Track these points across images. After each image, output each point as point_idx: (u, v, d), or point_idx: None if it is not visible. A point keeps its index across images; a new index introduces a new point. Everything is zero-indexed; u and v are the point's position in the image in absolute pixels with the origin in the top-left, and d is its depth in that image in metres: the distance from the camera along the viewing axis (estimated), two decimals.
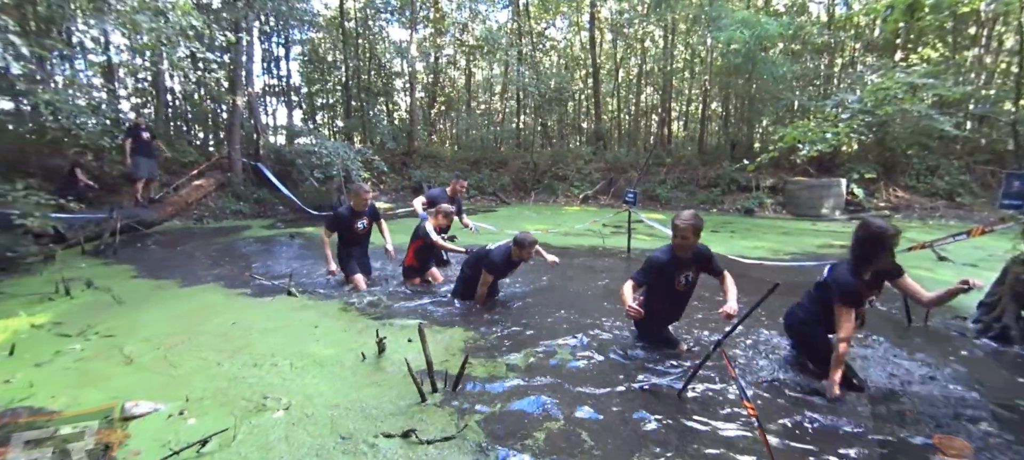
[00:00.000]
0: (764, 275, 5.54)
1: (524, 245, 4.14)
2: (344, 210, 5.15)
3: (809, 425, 2.49)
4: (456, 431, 2.35)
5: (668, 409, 2.61)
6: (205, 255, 7.06)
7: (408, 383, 2.71)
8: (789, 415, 2.58)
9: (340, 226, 5.08)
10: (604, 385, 2.87)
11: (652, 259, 3.26)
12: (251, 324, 3.91)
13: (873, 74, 10.23)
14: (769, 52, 15.12)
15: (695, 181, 15.58)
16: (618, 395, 2.77)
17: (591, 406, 2.63)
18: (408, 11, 18.82)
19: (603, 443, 2.30)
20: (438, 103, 22.97)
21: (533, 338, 3.61)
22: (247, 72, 13.88)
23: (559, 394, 2.75)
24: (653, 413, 2.57)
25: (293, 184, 12.44)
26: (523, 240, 4.14)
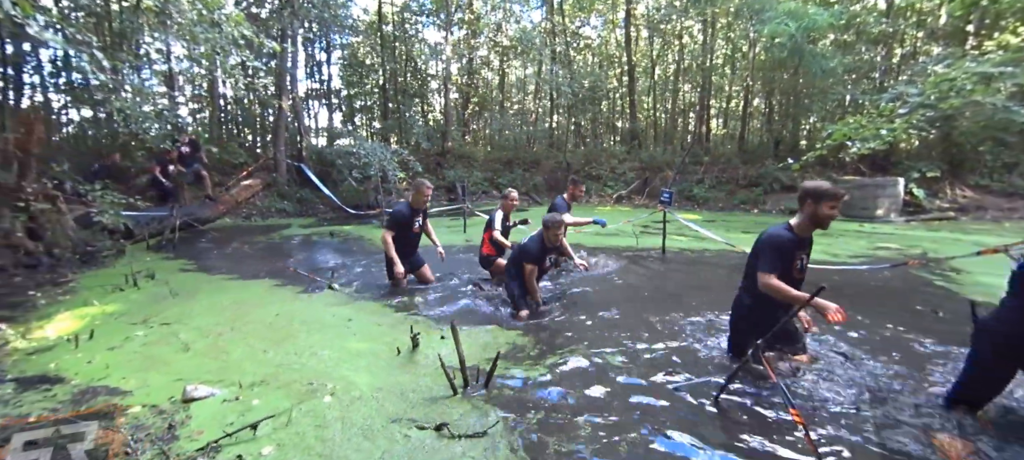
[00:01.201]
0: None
1: (550, 226, 4.16)
2: (403, 207, 4.91)
3: (847, 430, 2.35)
4: (486, 428, 2.36)
5: (703, 416, 2.53)
6: (252, 250, 7.41)
7: (440, 377, 2.75)
8: (836, 422, 2.45)
9: (399, 225, 4.84)
10: (637, 392, 2.80)
11: (775, 238, 2.76)
12: (293, 316, 4.08)
13: (937, 65, 9.53)
14: (818, 44, 14.43)
15: (735, 180, 15.06)
16: (651, 400, 2.70)
17: (623, 412, 2.58)
18: (443, 13, 19.06)
19: (636, 449, 2.25)
20: (472, 104, 23.16)
21: (567, 341, 3.58)
22: (292, 77, 14.45)
23: (590, 398, 2.71)
24: (687, 419, 2.49)
25: (333, 184, 12.85)
26: (549, 221, 4.17)
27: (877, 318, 4.02)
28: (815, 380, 2.89)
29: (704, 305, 4.38)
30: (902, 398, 2.69)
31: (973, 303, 3.87)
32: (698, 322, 3.93)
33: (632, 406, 2.62)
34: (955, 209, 11.99)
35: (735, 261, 6.45)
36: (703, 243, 7.79)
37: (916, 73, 10.53)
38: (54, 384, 2.85)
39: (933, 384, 2.86)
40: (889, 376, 2.96)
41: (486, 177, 17.22)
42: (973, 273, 5.71)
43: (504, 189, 6.27)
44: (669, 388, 2.82)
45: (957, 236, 8.65)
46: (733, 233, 8.89)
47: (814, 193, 2.67)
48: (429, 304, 4.54)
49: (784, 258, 2.72)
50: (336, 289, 4.94)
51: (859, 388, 2.80)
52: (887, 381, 2.89)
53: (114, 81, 8.48)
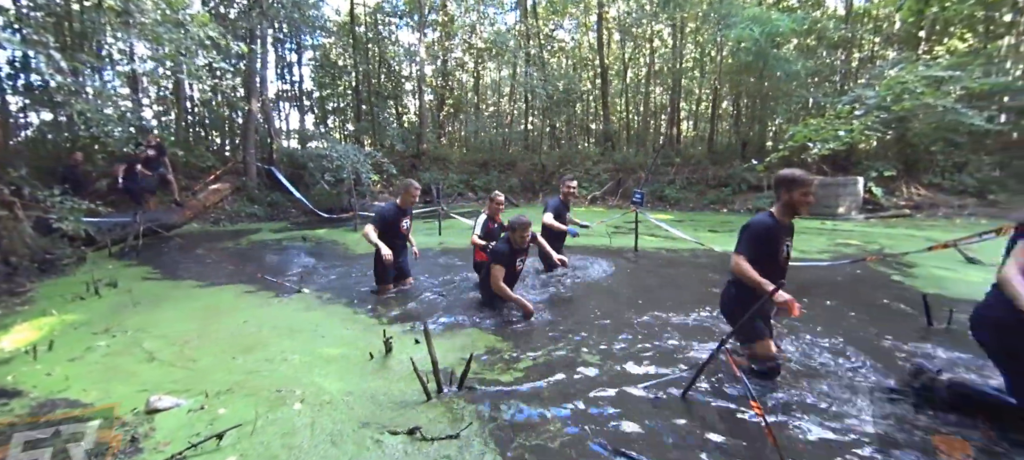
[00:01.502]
0: None
1: (516, 227, 4.15)
2: (389, 208, 4.84)
3: (814, 423, 2.46)
4: (459, 430, 2.38)
5: (673, 411, 2.60)
6: (220, 256, 7.22)
7: (414, 381, 2.75)
8: (795, 413, 2.56)
9: (385, 222, 4.73)
10: (610, 389, 2.86)
11: (754, 224, 2.85)
12: (262, 322, 4.01)
13: (892, 69, 10.01)
14: (782, 49, 14.93)
15: (705, 181, 15.44)
16: (622, 397, 2.76)
17: (595, 408, 2.63)
18: (417, 15, 18.98)
19: (605, 446, 2.31)
20: (447, 106, 23.11)
21: (541, 341, 3.61)
22: (261, 79, 14.16)
23: (563, 397, 2.76)
24: (658, 415, 2.56)
25: (305, 187, 12.63)
26: (515, 223, 4.16)
27: (840, 311, 4.21)
28: (784, 373, 3.00)
29: (676, 303, 4.50)
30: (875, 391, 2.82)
31: (925, 296, 4.10)
32: (670, 319, 4.04)
33: (604, 403, 2.68)
34: (911, 207, 12.56)
35: (705, 260, 6.64)
36: (675, 242, 7.97)
37: (873, 77, 11.02)
38: (12, 398, 2.74)
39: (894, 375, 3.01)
40: (854, 367, 3.10)
41: (462, 179, 17.20)
42: (926, 266, 6.01)
43: (491, 191, 6.20)
44: (640, 385, 2.89)
45: (911, 233, 9.08)
46: (701, 232, 9.13)
47: (787, 181, 2.78)
48: (403, 308, 4.52)
49: (761, 243, 2.79)
50: (307, 294, 4.88)
51: (823, 379, 2.93)
52: (852, 371, 3.03)
53: (74, 83, 8.19)
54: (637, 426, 2.45)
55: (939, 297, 4.67)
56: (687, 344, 3.50)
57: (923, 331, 3.84)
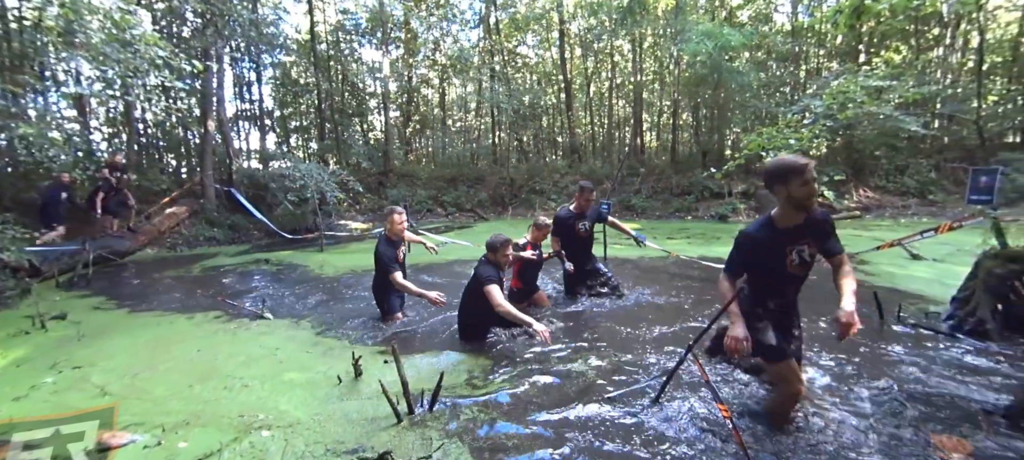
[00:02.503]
0: None
1: (495, 247, 3.93)
2: (387, 246, 4.45)
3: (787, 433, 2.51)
4: (431, 451, 2.34)
5: (645, 418, 2.63)
6: (177, 283, 6.92)
7: (384, 404, 2.69)
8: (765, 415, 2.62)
9: (397, 260, 4.46)
10: (581, 398, 2.86)
11: (739, 235, 2.43)
12: (220, 349, 3.85)
13: (835, 80, 10.69)
14: (734, 62, 15.62)
15: (669, 190, 15.88)
16: (595, 407, 2.76)
17: (568, 420, 2.63)
18: (379, 32, 18.92)
19: (580, 456, 2.31)
20: (413, 122, 23.04)
21: (512, 356, 3.59)
22: (218, 98, 13.75)
23: (536, 409, 2.75)
24: (631, 423, 2.58)
25: (267, 208, 12.27)
26: (492, 243, 3.95)
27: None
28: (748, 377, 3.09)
29: (646, 310, 4.58)
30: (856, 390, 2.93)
31: (875, 293, 4.32)
32: (640, 327, 4.09)
33: (577, 416, 2.67)
34: (860, 208, 13.29)
35: (673, 268, 6.79)
36: (642, 251, 8.12)
37: (820, 87, 11.70)
38: None
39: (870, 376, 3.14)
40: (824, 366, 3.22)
41: (430, 195, 17.10)
42: (877, 264, 6.35)
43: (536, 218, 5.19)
44: (613, 395, 2.89)
45: (860, 232, 9.58)
46: (661, 239, 9.38)
47: (779, 173, 2.27)
48: (374, 330, 4.42)
49: (746, 253, 2.37)
50: (270, 319, 4.71)
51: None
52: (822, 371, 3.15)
53: (15, 105, 7.76)
54: (610, 437, 2.46)
55: (891, 292, 4.94)
56: (659, 351, 3.55)
57: (876, 326, 4.01)
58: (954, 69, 16.12)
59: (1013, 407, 2.53)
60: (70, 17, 6.51)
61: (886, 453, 2.28)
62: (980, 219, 4.01)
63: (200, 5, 10.41)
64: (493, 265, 3.93)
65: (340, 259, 8.55)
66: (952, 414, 2.58)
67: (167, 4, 12.61)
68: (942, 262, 6.29)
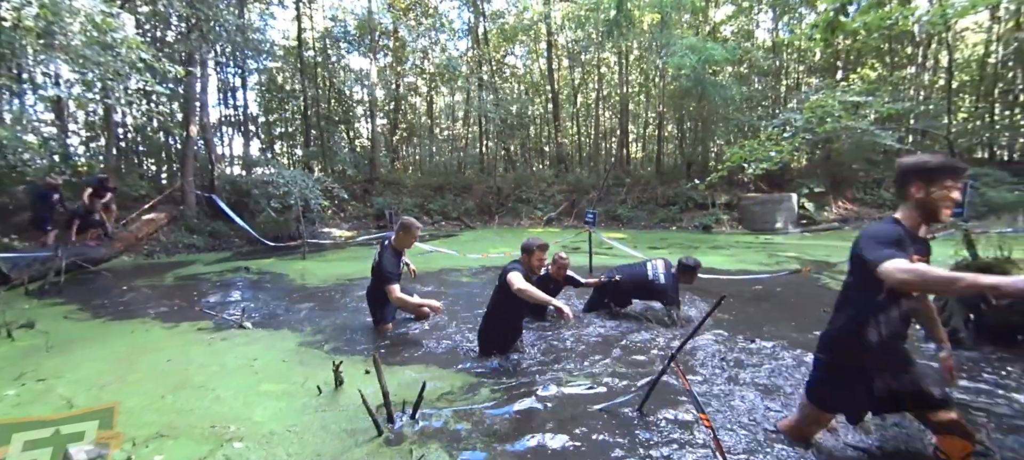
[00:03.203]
0: (715, 287, 5.71)
1: (529, 250, 3.63)
2: (392, 255, 4.36)
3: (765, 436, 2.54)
4: None
5: (629, 427, 2.62)
6: (153, 291, 6.75)
7: (364, 415, 2.65)
8: (747, 425, 2.63)
9: (396, 274, 4.35)
10: (565, 409, 2.85)
11: (872, 227, 2.02)
12: (196, 359, 3.75)
13: (815, 94, 11.01)
14: (718, 76, 15.94)
15: (654, 200, 16.06)
16: (579, 419, 2.75)
17: (552, 432, 2.61)
18: (367, 40, 18.91)
19: None
20: (400, 130, 22.99)
21: (496, 368, 3.55)
22: (201, 103, 13.58)
23: (519, 422, 2.72)
24: (614, 433, 2.57)
25: (250, 215, 12.10)
26: (528, 244, 3.65)
27: (782, 317, 4.43)
28: (731, 385, 3.11)
29: (630, 319, 4.59)
30: None
31: None
32: (624, 336, 4.10)
33: (561, 426, 2.65)
34: (839, 220, 13.59)
35: None
36: (627, 259, 8.17)
37: (800, 102, 12.01)
38: None
39: None
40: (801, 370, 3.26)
41: (416, 203, 17.04)
42: None
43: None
44: (597, 406, 2.88)
45: (838, 243, 9.78)
46: (642, 248, 9.43)
47: (922, 171, 1.89)
48: (356, 340, 4.35)
49: (891, 244, 1.83)
50: (249, 328, 4.62)
51: (772, 391, 3.06)
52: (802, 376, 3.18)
53: None
54: (593, 448, 2.45)
55: None
56: (643, 360, 3.56)
57: None
58: (926, 87, 16.66)
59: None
60: (49, 18, 6.38)
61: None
62: (951, 231, 4.10)
63: (185, 9, 10.29)
64: (522, 268, 3.64)
65: (323, 267, 8.45)
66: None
67: (151, 8, 12.46)
68: None
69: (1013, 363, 3.37)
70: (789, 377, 3.22)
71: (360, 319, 4.93)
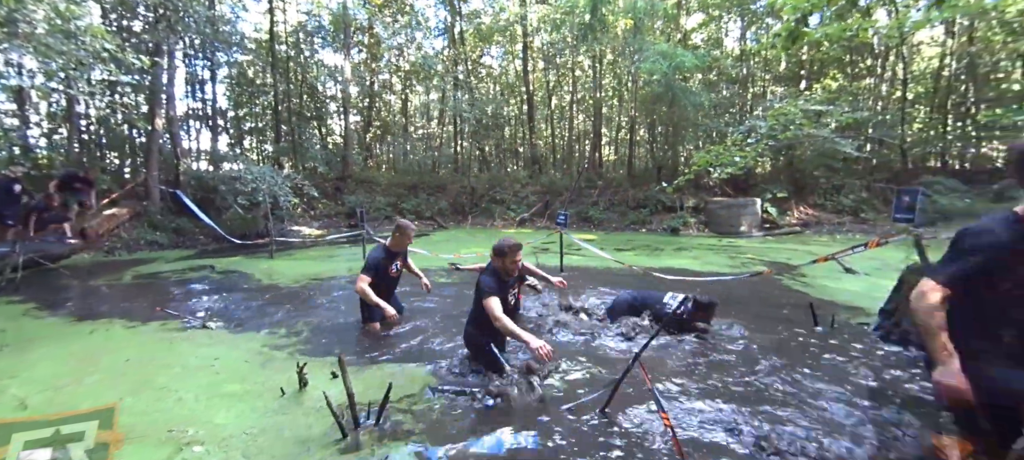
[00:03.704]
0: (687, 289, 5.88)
1: (502, 252, 3.35)
2: (379, 252, 4.49)
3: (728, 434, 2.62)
4: None
5: (592, 427, 2.69)
6: (113, 289, 6.55)
7: (328, 417, 2.66)
8: (707, 424, 2.73)
9: (376, 270, 4.44)
10: (531, 411, 2.88)
11: (971, 226, 1.80)
12: (156, 359, 3.69)
13: (779, 102, 11.46)
14: (688, 82, 16.34)
15: (626, 203, 16.34)
16: (544, 419, 2.79)
17: (517, 432, 2.65)
18: (342, 36, 18.64)
19: None
20: (374, 128, 22.73)
21: (464, 368, 3.58)
22: (168, 96, 13.18)
23: (486, 425, 2.74)
24: (578, 433, 2.63)
25: (216, 212, 11.79)
26: (500, 247, 3.37)
27: (745, 319, 4.60)
28: (706, 388, 3.22)
29: (596, 319, 4.70)
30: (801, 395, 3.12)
31: (811, 303, 4.62)
32: (591, 336, 4.19)
33: (527, 428, 2.68)
34: (801, 224, 14.11)
35: (626, 277, 6.96)
36: (597, 260, 8.34)
37: (765, 109, 12.44)
38: None
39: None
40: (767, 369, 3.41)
41: (389, 202, 16.90)
42: (814, 277, 6.79)
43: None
44: (563, 406, 2.93)
45: (799, 247, 10.19)
46: (608, 249, 9.62)
47: None
48: (323, 343, 4.30)
49: (982, 258, 1.67)
50: (212, 328, 4.55)
51: (722, 390, 3.20)
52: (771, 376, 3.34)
53: None
54: (557, 448, 2.50)
55: (827, 303, 5.30)
56: (611, 362, 3.61)
57: (812, 333, 4.29)
58: (884, 97, 17.46)
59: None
60: (12, 6, 6.12)
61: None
62: (904, 236, 4.30)
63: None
64: (497, 273, 3.39)
65: (291, 267, 8.33)
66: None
67: None
68: (870, 276, 6.76)
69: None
70: (750, 377, 3.36)
71: (328, 320, 4.91)
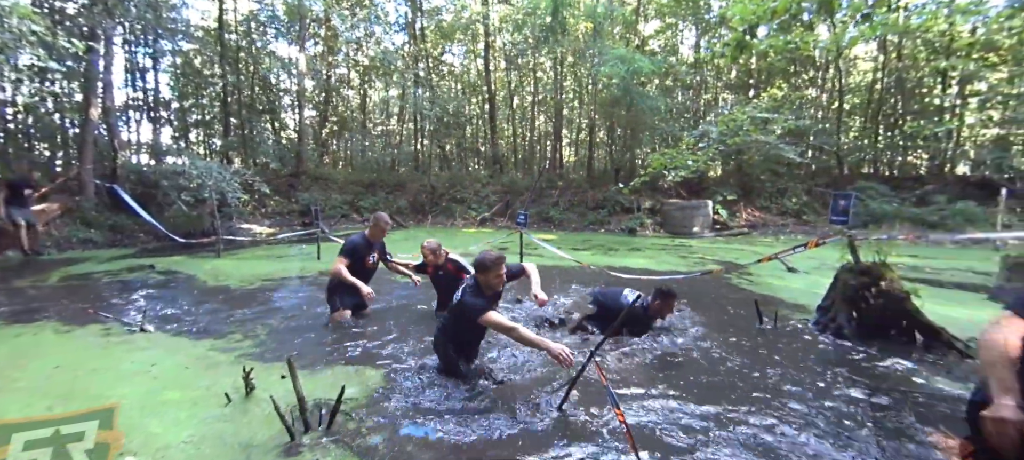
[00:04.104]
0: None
1: (485, 266, 3.11)
2: (358, 238, 4.72)
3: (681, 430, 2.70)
4: None
5: (549, 425, 2.71)
6: (41, 290, 6.05)
7: (277, 423, 2.56)
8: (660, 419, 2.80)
9: (353, 255, 4.58)
10: (489, 411, 2.88)
11: None
12: (85, 365, 3.44)
13: (729, 109, 12.02)
14: (646, 87, 16.81)
15: (585, 203, 16.64)
16: (502, 419, 2.79)
17: (474, 432, 2.64)
18: (296, 27, 18.01)
19: None
20: (330, 123, 22.10)
21: (420, 368, 3.53)
22: (104, 84, 12.30)
23: (441, 427, 2.72)
24: (535, 430, 2.65)
25: (158, 208, 11.14)
26: (482, 260, 3.13)
27: (695, 316, 4.79)
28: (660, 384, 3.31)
29: (554, 317, 4.75)
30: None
31: (756, 301, 4.84)
32: (547, 334, 4.23)
33: (482, 428, 2.68)
34: (749, 226, 14.81)
35: (587, 276, 7.06)
36: (556, 260, 8.44)
37: (717, 115, 13.00)
38: None
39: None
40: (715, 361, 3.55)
41: (346, 200, 16.48)
42: (759, 276, 7.14)
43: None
44: (519, 403, 2.95)
45: (746, 247, 10.69)
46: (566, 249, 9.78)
47: None
48: (273, 345, 4.13)
49: None
50: (151, 331, 4.29)
51: (676, 386, 3.31)
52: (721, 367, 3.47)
53: None
54: (513, 446, 2.51)
55: (772, 300, 5.58)
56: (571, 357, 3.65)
57: (759, 330, 4.51)
58: (824, 107, 18.60)
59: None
60: None
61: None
62: (839, 237, 4.58)
63: None
64: (480, 289, 3.14)
65: (240, 266, 7.98)
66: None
67: None
68: (810, 274, 7.19)
69: (885, 350, 3.89)
70: (703, 373, 3.49)
71: (280, 322, 4.73)
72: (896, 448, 2.49)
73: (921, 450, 2.48)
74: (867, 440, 2.57)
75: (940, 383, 3.33)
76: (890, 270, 4.21)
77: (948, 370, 3.56)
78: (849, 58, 18.17)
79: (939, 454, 2.41)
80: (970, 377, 3.36)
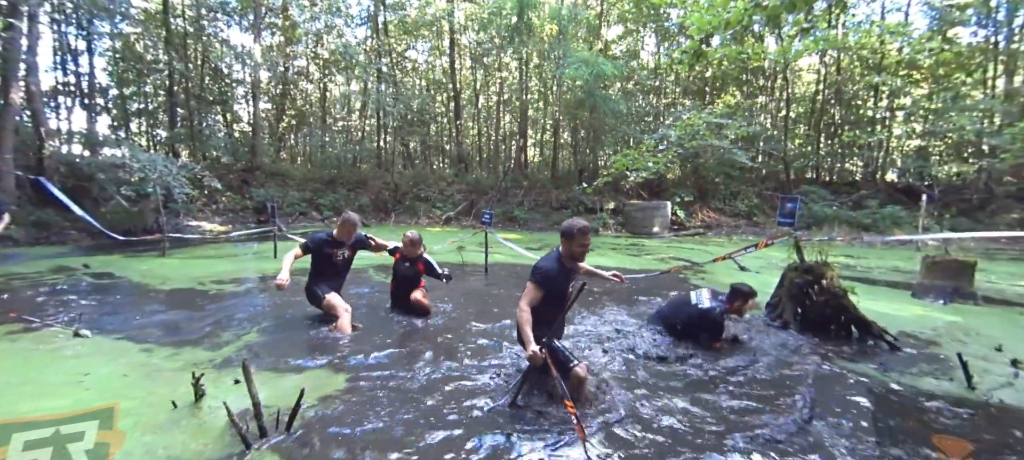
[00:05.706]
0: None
1: (571, 234, 2.96)
2: (324, 234, 4.63)
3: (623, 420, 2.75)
4: None
5: (503, 420, 2.69)
6: None
7: (230, 432, 2.39)
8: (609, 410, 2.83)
9: (316, 250, 4.50)
10: (445, 405, 2.85)
11: None
12: (8, 374, 3.11)
13: (687, 114, 12.44)
14: (608, 90, 17.12)
15: (549, 203, 16.77)
16: (456, 413, 2.76)
17: (431, 429, 2.59)
18: (251, 15, 17.20)
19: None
20: (288, 117, 21.27)
21: (381, 368, 3.44)
22: (28, 66, 11.28)
23: (401, 429, 2.64)
24: (490, 428, 2.62)
25: (93, 203, 10.34)
26: (568, 228, 2.99)
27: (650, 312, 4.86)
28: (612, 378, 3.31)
29: (508, 315, 4.71)
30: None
31: None
32: (505, 331, 4.19)
33: (439, 424, 2.64)
34: (705, 227, 15.35)
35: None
36: (521, 258, 8.43)
37: (676, 119, 13.41)
38: None
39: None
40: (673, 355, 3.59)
41: (304, 197, 15.88)
42: (714, 274, 7.37)
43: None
44: (477, 400, 2.92)
45: (701, 247, 11.05)
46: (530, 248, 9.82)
47: None
48: (222, 347, 3.88)
49: None
50: (87, 336, 3.93)
51: (629, 377, 3.33)
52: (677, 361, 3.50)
53: None
54: (467, 442, 2.47)
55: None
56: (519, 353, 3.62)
57: None
58: (773, 114, 19.55)
59: None
60: None
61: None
62: (786, 238, 4.81)
63: None
64: (560, 259, 3.01)
65: (187, 265, 7.51)
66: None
67: None
68: (760, 273, 7.50)
69: (825, 343, 4.11)
70: (664, 365, 3.57)
71: (233, 324, 4.46)
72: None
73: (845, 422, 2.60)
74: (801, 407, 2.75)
75: (870, 370, 3.58)
76: (831, 269, 4.47)
77: (879, 358, 3.83)
78: (795, 69, 19.18)
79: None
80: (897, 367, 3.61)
